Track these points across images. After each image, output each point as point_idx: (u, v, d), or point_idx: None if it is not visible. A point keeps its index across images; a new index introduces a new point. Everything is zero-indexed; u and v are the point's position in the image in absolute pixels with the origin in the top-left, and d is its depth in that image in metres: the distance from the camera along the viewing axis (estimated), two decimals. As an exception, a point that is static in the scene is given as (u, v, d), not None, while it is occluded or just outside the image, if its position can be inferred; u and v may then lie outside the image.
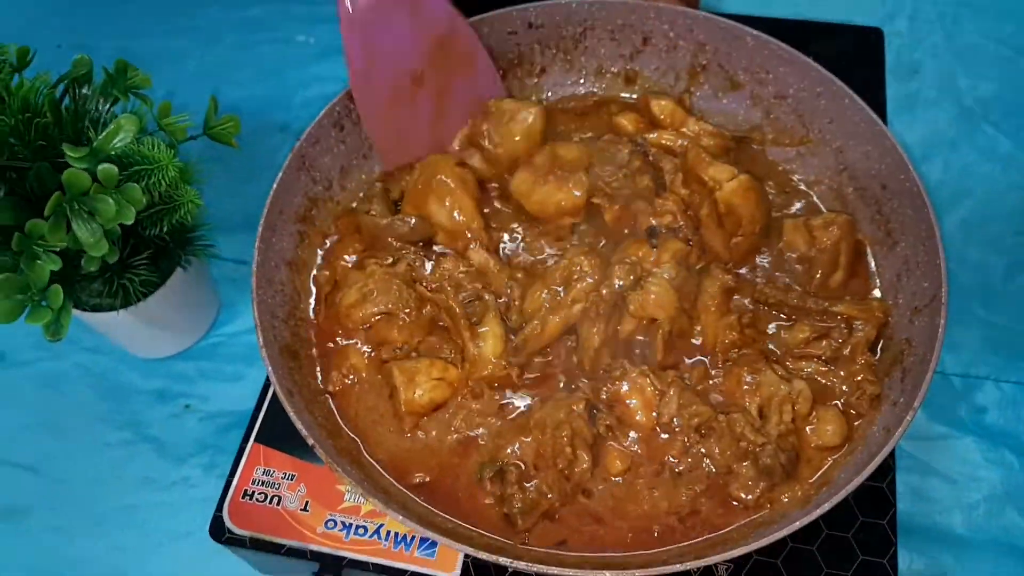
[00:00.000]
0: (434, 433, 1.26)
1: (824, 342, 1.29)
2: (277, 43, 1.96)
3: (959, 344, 1.50)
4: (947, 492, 1.39)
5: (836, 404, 1.25)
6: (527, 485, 1.20)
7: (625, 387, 1.24)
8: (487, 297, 1.31)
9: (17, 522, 1.44)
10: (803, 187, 1.46)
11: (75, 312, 1.36)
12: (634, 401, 1.23)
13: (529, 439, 1.22)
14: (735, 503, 1.20)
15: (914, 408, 1.10)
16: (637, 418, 1.24)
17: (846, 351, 1.28)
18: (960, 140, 1.73)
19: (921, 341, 1.21)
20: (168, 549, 1.42)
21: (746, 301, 1.33)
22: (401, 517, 1.06)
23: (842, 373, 1.27)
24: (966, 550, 1.35)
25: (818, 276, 1.35)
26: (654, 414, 1.23)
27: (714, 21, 1.45)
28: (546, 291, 1.30)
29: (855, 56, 1.75)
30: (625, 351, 1.28)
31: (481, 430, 1.26)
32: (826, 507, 1.06)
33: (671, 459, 1.22)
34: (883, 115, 1.65)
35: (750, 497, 1.18)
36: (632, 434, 1.24)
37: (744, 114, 1.52)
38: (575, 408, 1.22)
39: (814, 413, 1.24)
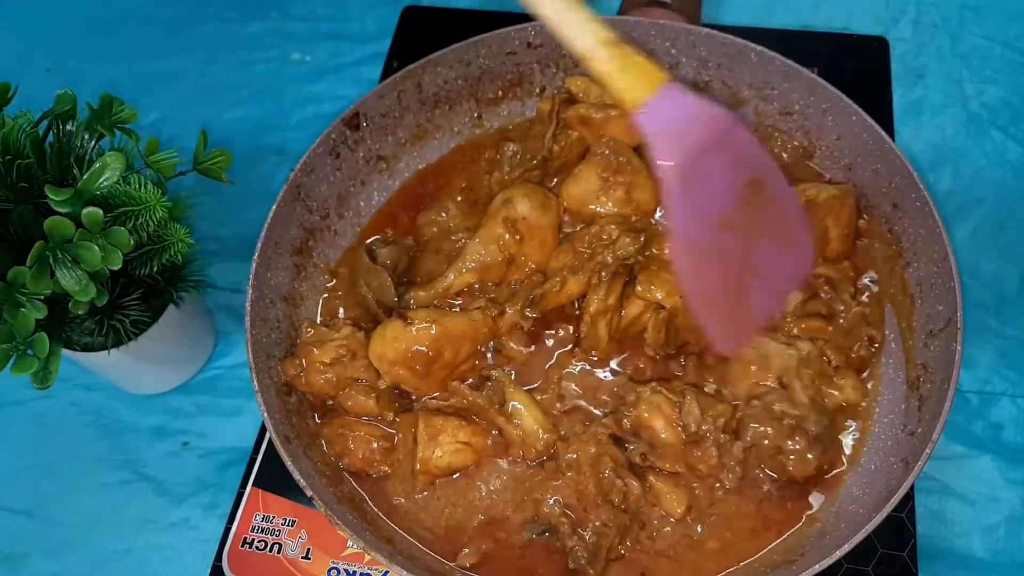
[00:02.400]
0: (451, 499, 1.24)
1: (818, 301, 1.30)
2: (273, 62, 1.93)
3: (974, 359, 1.46)
4: (966, 514, 1.35)
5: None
6: (583, 531, 1.16)
7: (644, 410, 1.21)
8: (495, 374, 1.27)
9: (14, 569, 1.41)
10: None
11: (66, 352, 1.33)
12: (658, 422, 1.21)
13: (560, 482, 1.19)
14: (793, 482, 1.20)
15: (933, 441, 1.08)
16: (665, 437, 1.21)
17: (839, 306, 1.30)
18: (969, 147, 1.69)
19: (938, 367, 1.18)
20: (168, 594, 1.38)
21: None
22: (405, 573, 1.03)
23: (843, 327, 1.29)
24: (987, 574, 1.31)
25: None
26: (679, 429, 1.20)
27: (717, 37, 1.42)
28: (572, 254, 1.29)
29: (860, 66, 1.72)
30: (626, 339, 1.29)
31: (505, 494, 1.23)
32: (846, 548, 1.03)
33: (719, 472, 1.21)
34: (890, 124, 1.62)
35: (811, 469, 1.18)
36: (668, 454, 1.22)
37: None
38: (602, 437, 1.20)
39: (831, 375, 1.25)
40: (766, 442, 1.19)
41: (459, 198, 1.48)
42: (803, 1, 1.87)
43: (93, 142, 1.24)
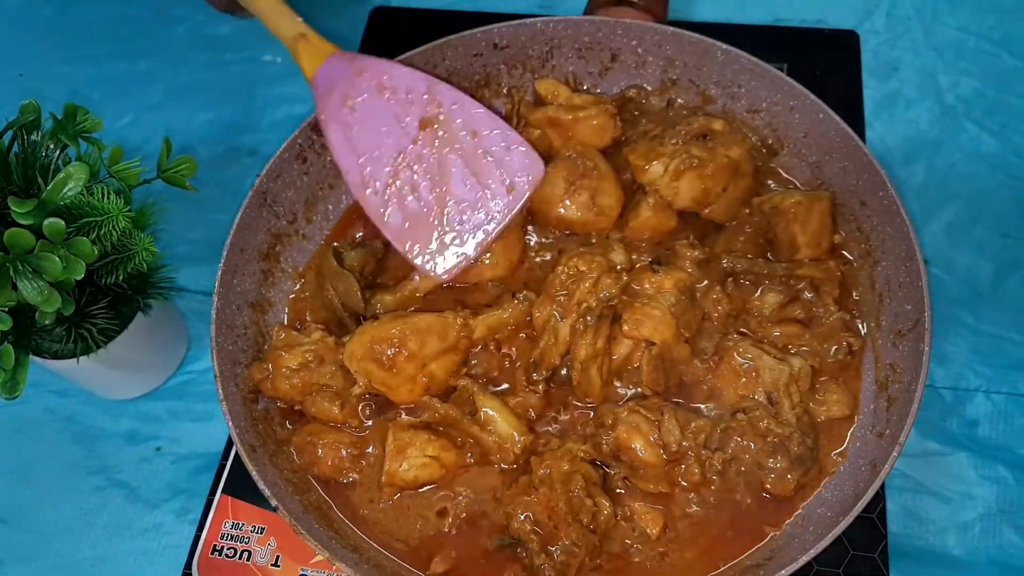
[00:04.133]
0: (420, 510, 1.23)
1: (797, 304, 1.30)
2: (244, 63, 1.91)
3: (948, 355, 1.46)
4: (941, 512, 1.35)
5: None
6: (552, 549, 1.16)
7: (623, 431, 1.21)
8: (461, 382, 1.26)
9: (-12, 577, 1.41)
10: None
11: (36, 360, 1.32)
12: (637, 444, 1.20)
13: (532, 498, 1.18)
14: (769, 497, 1.19)
15: (900, 443, 1.08)
16: (645, 457, 1.20)
17: (818, 310, 1.30)
18: (943, 140, 1.68)
19: (906, 368, 1.17)
20: (141, 602, 1.38)
21: (724, 263, 1.32)
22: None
23: (820, 332, 1.28)
24: (962, 572, 1.31)
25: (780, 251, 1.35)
26: (661, 451, 1.20)
27: (683, 36, 1.41)
28: (551, 303, 1.28)
29: (830, 61, 1.71)
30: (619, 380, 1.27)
31: (476, 507, 1.23)
32: (812, 552, 1.03)
33: (700, 489, 1.21)
34: (862, 119, 1.62)
35: (789, 489, 1.18)
36: (650, 475, 1.21)
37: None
38: (577, 454, 1.19)
39: (816, 388, 1.25)
40: (747, 456, 1.19)
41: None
42: (775, -6, 1.87)
43: (58, 152, 1.23)
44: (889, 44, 1.79)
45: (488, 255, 1.32)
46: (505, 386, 1.29)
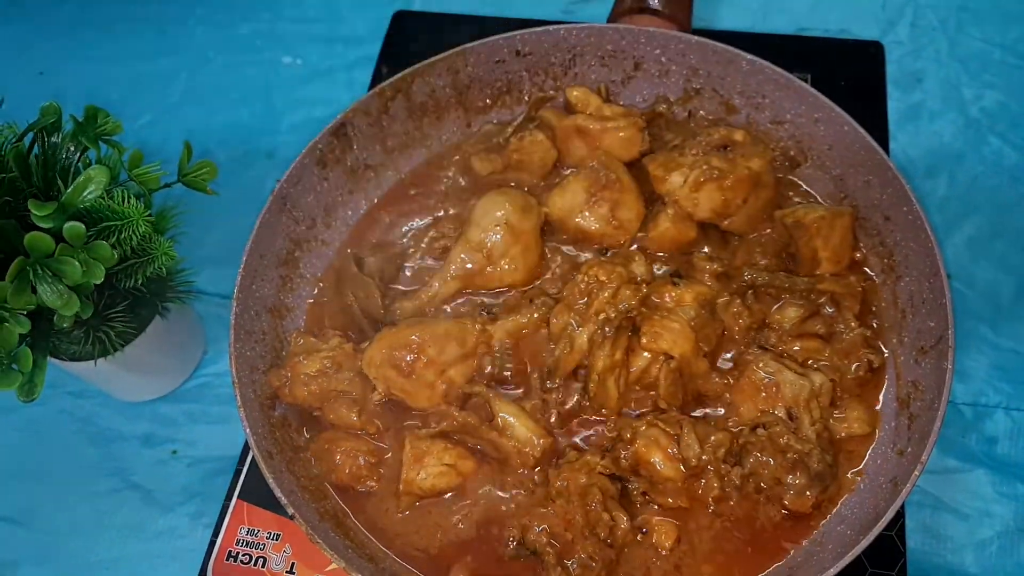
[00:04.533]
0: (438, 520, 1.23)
1: (817, 319, 1.28)
2: (263, 65, 1.91)
3: (968, 371, 1.45)
4: (959, 529, 1.34)
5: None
6: (568, 562, 1.15)
7: (641, 445, 1.20)
8: (476, 389, 1.26)
9: (3, 577, 1.41)
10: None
11: (54, 361, 1.32)
12: (656, 458, 1.19)
13: (549, 510, 1.18)
14: (788, 514, 1.19)
15: (922, 462, 1.07)
16: (664, 471, 1.19)
17: (839, 325, 1.28)
18: (966, 153, 1.67)
19: (928, 385, 1.16)
20: (155, 605, 1.38)
21: (745, 275, 1.32)
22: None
23: (840, 348, 1.27)
24: (979, 591, 1.31)
25: (801, 266, 1.34)
26: (680, 465, 1.19)
27: (707, 45, 1.40)
28: (569, 311, 1.27)
29: (855, 72, 1.70)
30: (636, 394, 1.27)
31: (493, 517, 1.22)
32: (832, 572, 1.02)
33: (720, 503, 1.21)
34: (885, 131, 1.60)
35: (807, 506, 1.17)
36: (670, 489, 1.20)
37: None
38: (595, 466, 1.19)
39: (836, 405, 1.24)
40: (766, 472, 1.18)
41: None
42: (799, 4, 1.85)
43: (78, 154, 1.22)
44: (913, 55, 1.78)
45: (506, 260, 1.32)
46: (519, 391, 1.28)
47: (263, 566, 1.23)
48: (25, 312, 1.08)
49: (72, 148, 1.22)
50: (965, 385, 1.44)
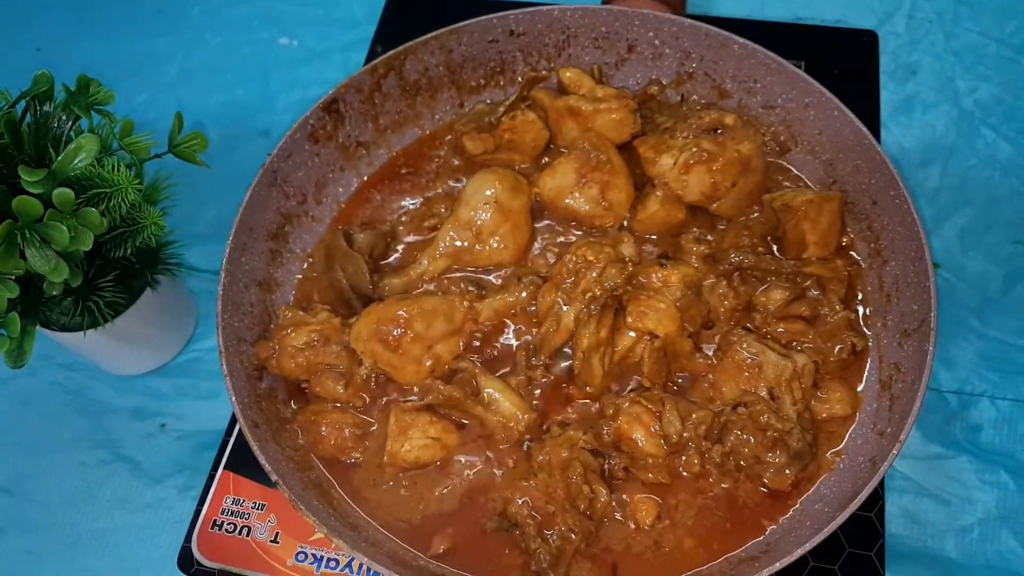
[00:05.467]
0: (421, 492, 1.24)
1: (803, 302, 1.29)
2: (260, 45, 1.92)
3: (954, 359, 1.45)
4: (940, 515, 1.35)
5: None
6: (548, 533, 1.16)
7: (624, 421, 1.21)
8: (462, 364, 1.27)
9: (-11, 545, 1.42)
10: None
11: (44, 331, 1.33)
12: (638, 434, 1.20)
13: (531, 483, 1.19)
14: (767, 491, 1.20)
15: (900, 441, 1.07)
16: (646, 448, 1.20)
17: (824, 308, 1.29)
18: (959, 145, 1.67)
19: (910, 367, 1.17)
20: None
21: (732, 258, 1.32)
22: (367, 559, 1.03)
23: (824, 330, 1.28)
24: (959, 576, 1.31)
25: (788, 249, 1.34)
26: (661, 441, 1.20)
27: (700, 28, 1.41)
28: (556, 290, 1.28)
29: (849, 61, 1.70)
30: (621, 373, 1.27)
31: (476, 489, 1.23)
32: (808, 546, 1.03)
33: (700, 480, 1.22)
34: (878, 120, 1.61)
35: (786, 484, 1.18)
36: (651, 465, 1.21)
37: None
38: (577, 441, 1.19)
39: (819, 386, 1.24)
40: (746, 450, 1.19)
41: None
42: (796, -7, 1.86)
43: (70, 123, 1.23)
44: (909, 47, 1.79)
45: (496, 239, 1.32)
46: (506, 368, 1.29)
47: (248, 535, 1.23)
48: (14, 277, 1.09)
49: (64, 117, 1.23)
50: (951, 373, 1.44)
